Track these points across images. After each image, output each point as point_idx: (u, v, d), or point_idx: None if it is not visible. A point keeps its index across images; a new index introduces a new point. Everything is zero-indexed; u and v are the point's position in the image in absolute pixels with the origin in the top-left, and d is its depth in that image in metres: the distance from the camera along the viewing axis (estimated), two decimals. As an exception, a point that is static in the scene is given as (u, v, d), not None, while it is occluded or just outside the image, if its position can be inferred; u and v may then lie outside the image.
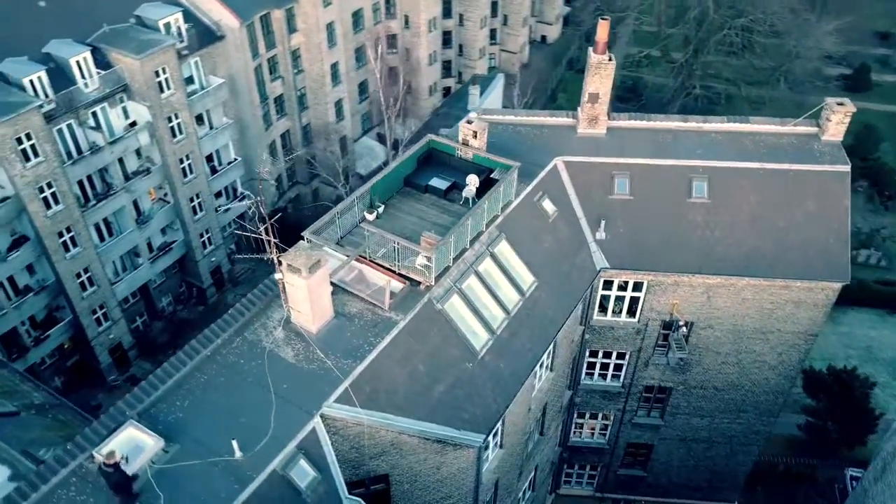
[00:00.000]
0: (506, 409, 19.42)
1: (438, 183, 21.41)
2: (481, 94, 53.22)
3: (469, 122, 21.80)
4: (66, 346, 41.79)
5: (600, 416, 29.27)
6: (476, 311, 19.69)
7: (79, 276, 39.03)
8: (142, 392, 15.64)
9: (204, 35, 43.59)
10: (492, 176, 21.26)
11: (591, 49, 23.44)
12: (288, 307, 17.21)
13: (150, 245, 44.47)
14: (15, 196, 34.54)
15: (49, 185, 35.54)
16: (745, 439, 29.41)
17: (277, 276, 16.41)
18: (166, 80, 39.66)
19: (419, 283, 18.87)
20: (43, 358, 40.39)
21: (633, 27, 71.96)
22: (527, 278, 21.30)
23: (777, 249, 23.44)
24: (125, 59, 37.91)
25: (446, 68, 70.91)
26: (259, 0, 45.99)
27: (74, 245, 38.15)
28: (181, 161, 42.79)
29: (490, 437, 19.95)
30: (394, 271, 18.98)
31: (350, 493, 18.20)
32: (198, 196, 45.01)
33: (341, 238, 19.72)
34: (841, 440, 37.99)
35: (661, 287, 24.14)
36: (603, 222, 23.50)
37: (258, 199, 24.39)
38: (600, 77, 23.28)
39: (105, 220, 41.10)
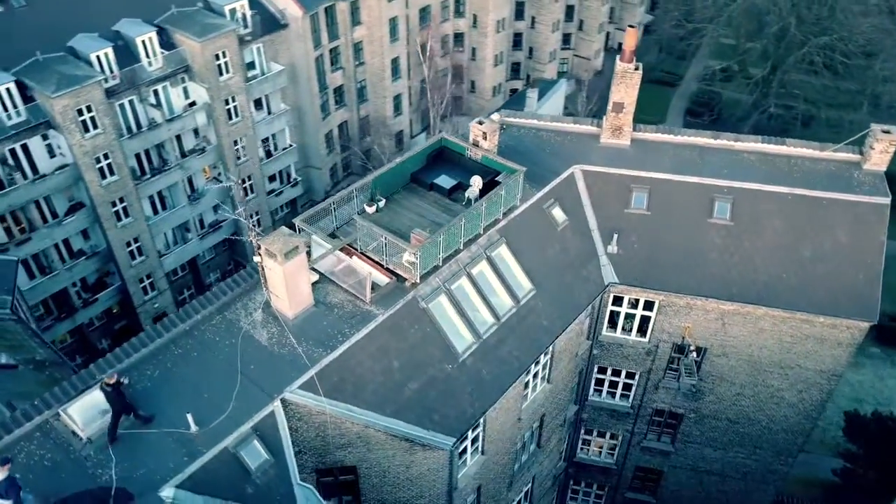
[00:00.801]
0: (482, 415, 19.14)
1: (443, 181, 21.28)
2: (540, 97, 52.54)
3: (480, 122, 21.54)
4: (114, 311, 43.91)
5: (608, 435, 28.41)
6: (463, 314, 19.46)
7: (128, 245, 40.92)
8: (115, 358, 16.24)
9: (268, 22, 44.82)
10: (497, 179, 20.93)
11: (617, 57, 22.73)
12: (267, 291, 17.50)
13: (201, 221, 46.12)
14: (73, 164, 36.52)
15: (105, 157, 37.40)
16: (761, 477, 27.93)
17: (256, 258, 16.69)
18: (225, 63, 41.02)
19: (406, 279, 18.81)
20: (91, 319, 42.58)
21: (713, 39, 69.32)
22: (524, 285, 20.90)
23: (800, 280, 22.13)
24: (188, 41, 39.44)
25: (515, 70, 70.47)
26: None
27: (126, 215, 40.03)
28: (235, 143, 44.17)
29: (465, 442, 19.77)
30: (382, 266, 19.00)
31: (320, 480, 18.49)
32: (249, 178, 46.37)
33: (337, 229, 19.87)
34: (880, 490, 35.47)
35: (674, 308, 23.20)
36: (616, 236, 22.79)
37: (235, 181, 24.80)
38: (626, 86, 22.56)
39: (160, 193, 42.92)
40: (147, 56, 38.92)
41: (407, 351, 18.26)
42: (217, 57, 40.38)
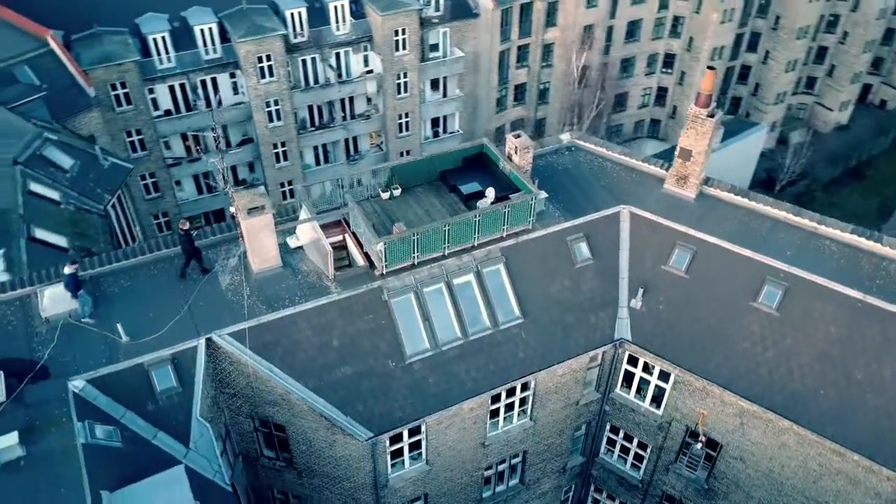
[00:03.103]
0: (414, 421, 18.85)
1: (465, 186, 20.88)
2: (726, 138, 47.81)
3: (517, 135, 20.74)
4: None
5: (618, 501, 26.04)
6: (427, 318, 19.20)
7: (282, 185, 45.40)
8: (99, 261, 18.64)
9: (459, 8, 46.21)
10: (511, 196, 20.09)
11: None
12: (243, 243, 18.80)
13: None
14: (247, 104, 41.31)
15: (275, 103, 41.74)
16: None
17: (231, 209, 18.03)
18: (404, 40, 43.28)
19: (377, 268, 19.02)
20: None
21: None
22: (511, 312, 19.96)
23: (841, 403, 18.45)
24: (372, 14, 42.26)
25: (734, 105, 64.84)
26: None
27: (285, 159, 44.39)
28: (399, 117, 46.56)
29: (399, 444, 19.60)
30: (362, 249, 19.40)
31: (258, 428, 19.67)
32: (408, 153, 48.65)
33: (343, 205, 20.54)
34: None
35: (689, 388, 20.62)
36: (642, 290, 20.75)
37: (222, 149, 26.03)
38: (696, 133, 20.25)
39: (323, 147, 46.84)
40: (336, 21, 42.43)
41: (352, 335, 18.54)
42: (396, 33, 42.76)
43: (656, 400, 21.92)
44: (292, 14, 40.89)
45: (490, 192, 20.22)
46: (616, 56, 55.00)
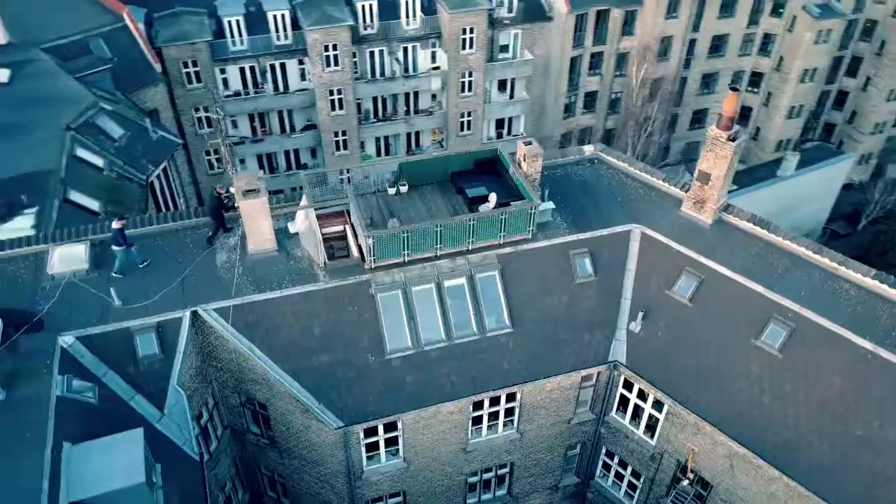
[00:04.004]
0: (387, 417, 18.94)
1: (471, 190, 20.70)
2: (803, 166, 45.16)
3: (528, 143, 20.35)
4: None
5: (612, 528, 25.24)
6: (413, 317, 19.21)
7: (341, 173, 46.39)
8: (131, 223, 19.64)
9: (533, 11, 45.67)
10: (512, 203, 19.75)
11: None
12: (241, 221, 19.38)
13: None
14: (312, 91, 42.45)
15: (339, 92, 42.65)
16: None
17: (232, 189, 18.63)
18: (471, 39, 43.22)
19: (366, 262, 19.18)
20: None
21: None
22: (500, 321, 19.68)
23: (836, 460, 17.19)
24: (442, 10, 42.44)
25: (826, 131, 61.10)
26: (602, -5, 46.11)
27: (344, 147, 45.33)
28: (462, 115, 46.59)
29: (375, 437, 19.71)
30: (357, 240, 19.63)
31: (245, 403, 20.30)
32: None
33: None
34: None
35: (681, 422, 19.73)
36: (642, 313, 20.00)
37: (222, 118, 26.20)
38: (715, 155, 19.26)
39: (385, 138, 47.52)
40: (406, 15, 42.89)
41: (334, 325, 18.79)
42: (463, 31, 42.77)
43: (651, 429, 21.08)
44: (363, 6, 41.64)
45: (492, 197, 19.97)
46: (698, 70, 52.93)
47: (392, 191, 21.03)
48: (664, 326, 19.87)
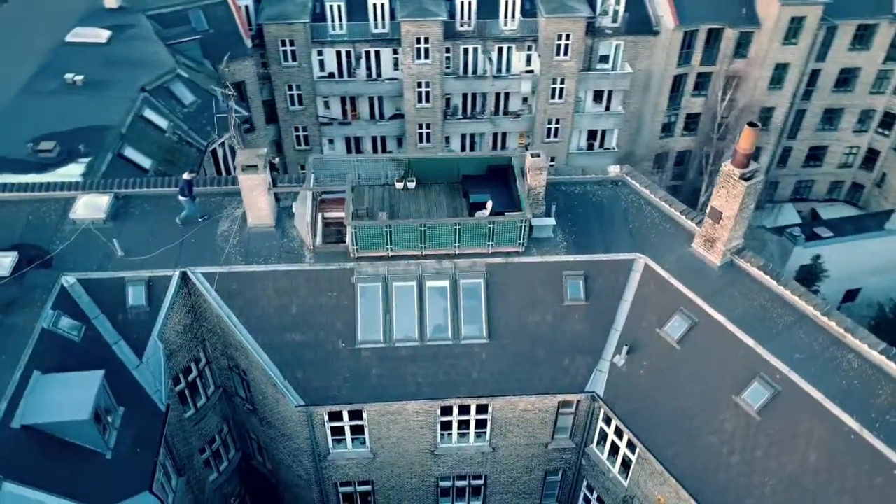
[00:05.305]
0: (345, 404, 19.26)
1: (474, 195, 20.45)
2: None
3: (536, 155, 19.78)
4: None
5: (590, 565, 24.22)
6: (388, 311, 19.36)
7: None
8: (142, 182, 21.18)
9: (638, 23, 43.92)
10: (507, 214, 19.32)
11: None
12: (248, 195, 20.27)
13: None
14: (401, 81, 43.31)
15: (426, 85, 43.24)
16: None
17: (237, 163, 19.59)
18: (566, 45, 42.34)
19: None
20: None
21: None
22: (477, 330, 19.39)
23: (796, 542, 15.58)
24: (540, 14, 41.84)
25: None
26: (717, 13, 43.46)
27: (427, 140, 45.91)
28: (549, 122, 45.81)
29: (340, 423, 20.09)
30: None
31: (231, 368, 21.37)
32: (552, 160, 47.76)
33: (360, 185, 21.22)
34: None
35: (650, 468, 18.63)
36: (626, 348, 19.03)
37: (232, 94, 26.34)
38: (727, 193, 17.88)
39: (471, 136, 47.64)
40: (505, 16, 42.70)
41: (311, 306, 19.29)
42: (559, 37, 41.98)
43: (627, 469, 20.03)
44: (462, 2, 41.90)
45: (489, 205, 19.67)
46: (820, 104, 48.83)
47: (400, 185, 21.22)
48: (648, 365, 18.78)
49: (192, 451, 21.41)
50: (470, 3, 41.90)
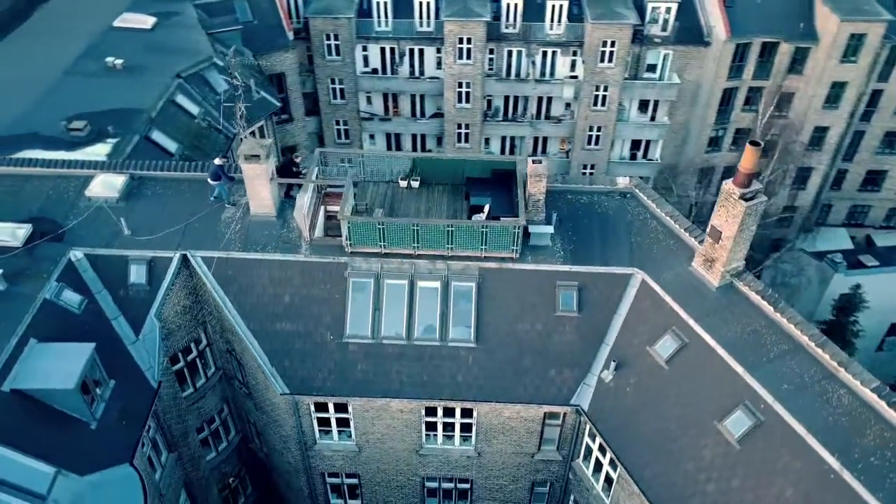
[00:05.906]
0: (329, 396, 19.48)
1: (475, 198, 20.33)
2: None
3: (538, 161, 19.51)
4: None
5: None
6: (378, 308, 19.47)
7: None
8: (154, 165, 21.88)
9: (688, 33, 42.74)
10: (504, 219, 19.15)
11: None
12: (258, 186, 20.69)
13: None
14: (442, 80, 43.40)
15: (467, 85, 43.17)
16: None
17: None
18: (611, 52, 41.59)
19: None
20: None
21: None
22: (465, 333, 19.31)
23: (763, 579, 14.96)
24: (586, 20, 41.22)
25: None
26: (772, 26, 41.92)
27: (466, 141, 45.85)
28: (591, 129, 45.09)
29: (326, 414, 20.33)
30: (348, 224, 20.20)
31: (230, 351, 21.91)
32: (592, 167, 47.04)
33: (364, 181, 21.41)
34: None
35: (629, 488, 18.18)
36: (614, 364, 18.63)
37: (241, 84, 26.31)
38: (727, 212, 17.27)
39: (511, 139, 47.37)
40: (551, 20, 42.25)
41: (303, 297, 19.57)
42: (604, 44, 41.29)
43: (609, 487, 19.60)
44: (508, 4, 41.68)
45: (486, 208, 19.55)
46: (880, 126, 46.55)
47: (403, 184, 21.31)
48: (634, 383, 18.33)
49: (187, 429, 21.98)
50: (516, 6, 41.64)
